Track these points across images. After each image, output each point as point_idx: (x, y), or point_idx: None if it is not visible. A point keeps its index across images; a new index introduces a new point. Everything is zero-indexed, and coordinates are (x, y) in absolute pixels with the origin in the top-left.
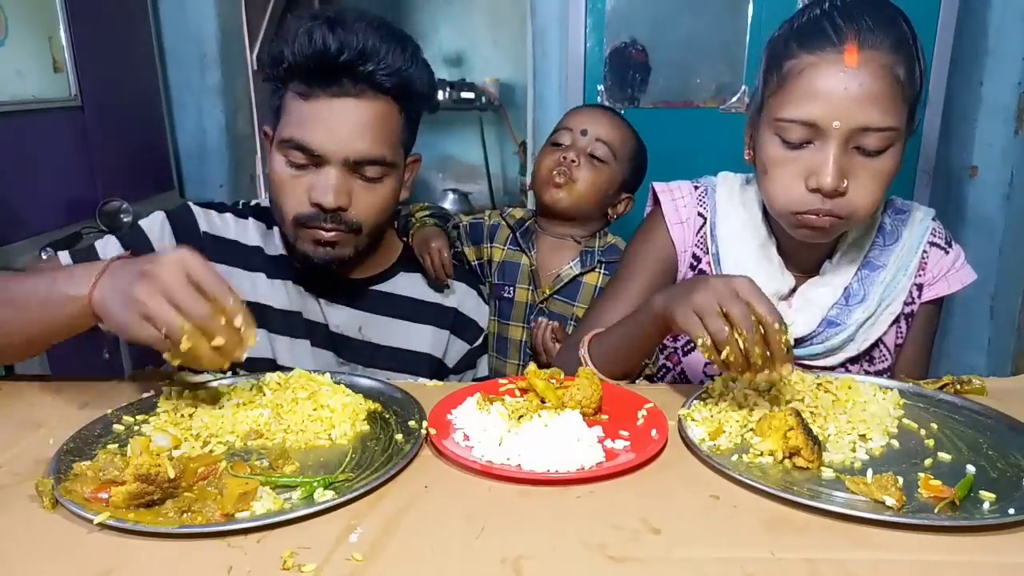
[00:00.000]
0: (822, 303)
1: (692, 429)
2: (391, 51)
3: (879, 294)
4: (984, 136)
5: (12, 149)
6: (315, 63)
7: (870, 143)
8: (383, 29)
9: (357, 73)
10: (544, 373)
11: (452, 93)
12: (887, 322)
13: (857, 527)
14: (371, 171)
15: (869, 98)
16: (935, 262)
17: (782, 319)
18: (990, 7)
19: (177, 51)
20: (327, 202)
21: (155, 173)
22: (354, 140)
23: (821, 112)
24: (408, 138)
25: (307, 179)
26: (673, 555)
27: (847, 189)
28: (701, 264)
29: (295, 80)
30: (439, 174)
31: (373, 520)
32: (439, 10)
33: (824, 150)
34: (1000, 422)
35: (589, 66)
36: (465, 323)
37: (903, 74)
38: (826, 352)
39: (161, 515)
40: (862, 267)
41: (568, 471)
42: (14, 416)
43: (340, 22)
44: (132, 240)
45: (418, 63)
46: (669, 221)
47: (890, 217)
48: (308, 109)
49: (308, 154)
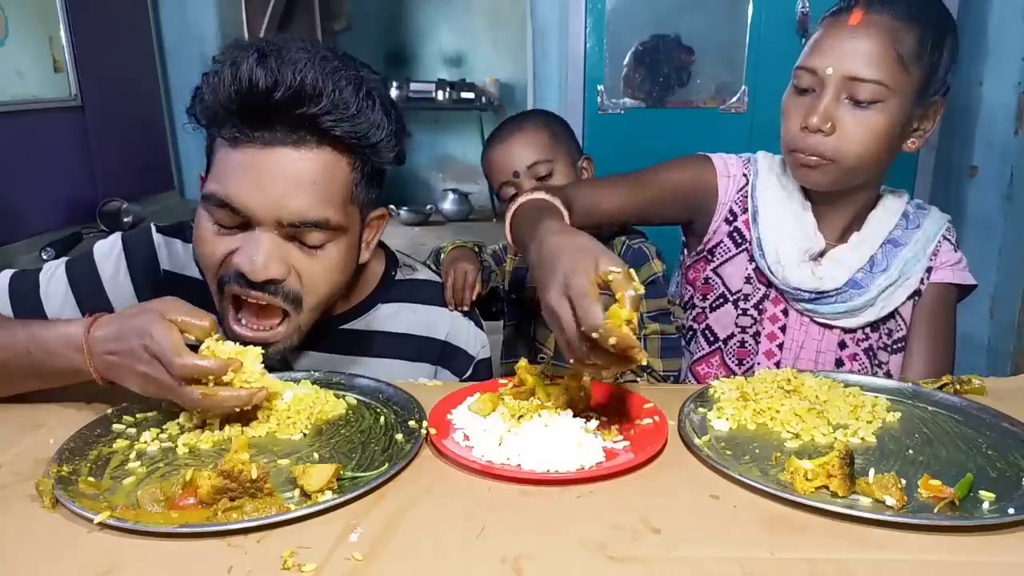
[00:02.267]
0: (849, 264)
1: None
2: (338, 89)
3: (900, 267)
4: (984, 136)
5: (12, 149)
6: (240, 104)
7: (859, 94)
8: (329, 62)
9: (294, 117)
10: (535, 368)
11: (452, 93)
12: (904, 295)
13: (857, 527)
14: (312, 237)
15: (862, 52)
16: (945, 252)
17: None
18: (990, 7)
19: (177, 51)
20: (253, 272)
21: (155, 173)
22: (289, 199)
23: (819, 60)
24: (365, 195)
25: (233, 241)
26: (673, 555)
27: (832, 131)
28: (737, 222)
29: (221, 127)
30: (439, 174)
31: (373, 520)
32: (439, 10)
33: (821, 96)
34: (1000, 422)
35: (589, 66)
36: (453, 353)
37: (907, 41)
38: (848, 312)
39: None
40: (887, 242)
41: (568, 471)
42: (14, 416)
43: (275, 53)
44: (81, 273)
45: (376, 104)
46: (719, 172)
47: (913, 209)
48: (235, 159)
49: (234, 213)
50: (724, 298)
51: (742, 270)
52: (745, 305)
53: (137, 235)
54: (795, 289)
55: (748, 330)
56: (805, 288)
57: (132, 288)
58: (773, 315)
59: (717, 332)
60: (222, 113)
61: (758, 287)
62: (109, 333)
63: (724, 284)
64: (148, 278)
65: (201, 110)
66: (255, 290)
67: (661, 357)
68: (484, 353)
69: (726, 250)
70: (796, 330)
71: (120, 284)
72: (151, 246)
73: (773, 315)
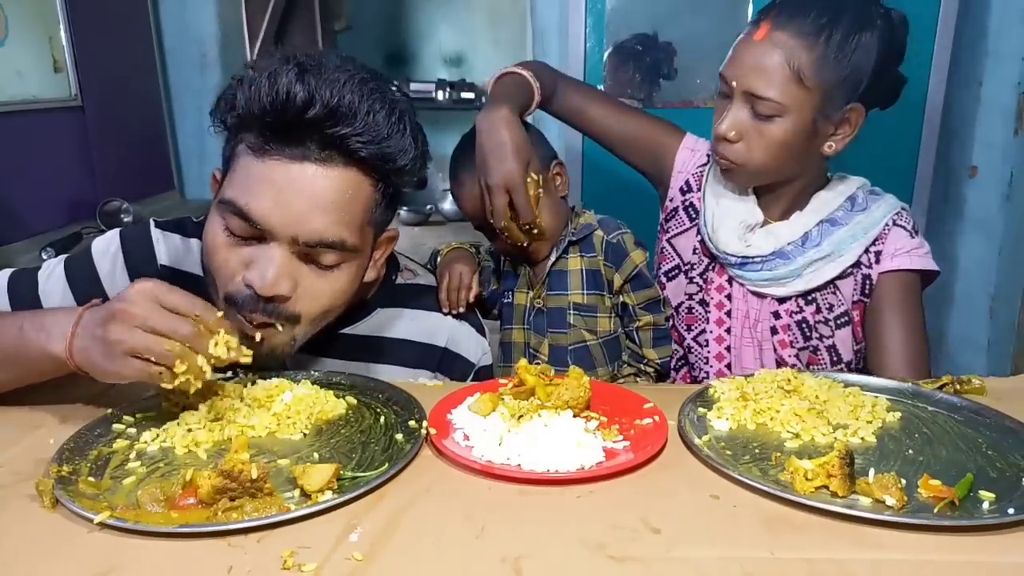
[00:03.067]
0: (780, 237)
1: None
2: (372, 112)
3: (832, 243)
4: (984, 136)
5: (12, 149)
6: (274, 116)
7: (759, 108)
8: (367, 84)
9: (326, 135)
10: (534, 368)
11: (452, 93)
12: (834, 271)
13: (857, 527)
14: (327, 257)
15: (759, 69)
16: (897, 238)
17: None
18: (990, 8)
19: (177, 51)
20: (263, 287)
21: (155, 173)
22: (309, 217)
23: (729, 71)
24: (383, 218)
25: (246, 252)
26: (673, 555)
27: (737, 138)
28: (692, 196)
29: (250, 132)
30: (439, 174)
31: (373, 520)
32: (439, 10)
33: (731, 105)
34: (1000, 422)
35: (589, 66)
36: (453, 360)
37: (805, 58)
38: (772, 279)
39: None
40: (825, 221)
41: (568, 471)
42: (14, 416)
43: (314, 68)
44: (79, 270)
45: (406, 131)
46: (684, 144)
47: (863, 193)
48: (258, 170)
49: (249, 224)
50: (677, 268)
51: (692, 242)
52: (692, 274)
53: (135, 231)
54: (723, 253)
55: (695, 297)
56: (731, 252)
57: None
58: (719, 285)
59: (671, 300)
60: (253, 122)
61: (702, 258)
62: (106, 304)
63: (678, 255)
64: (145, 273)
65: (230, 115)
66: (257, 312)
67: (653, 347)
68: (485, 360)
69: (680, 223)
70: (739, 300)
71: (117, 280)
72: (148, 241)
73: (719, 285)
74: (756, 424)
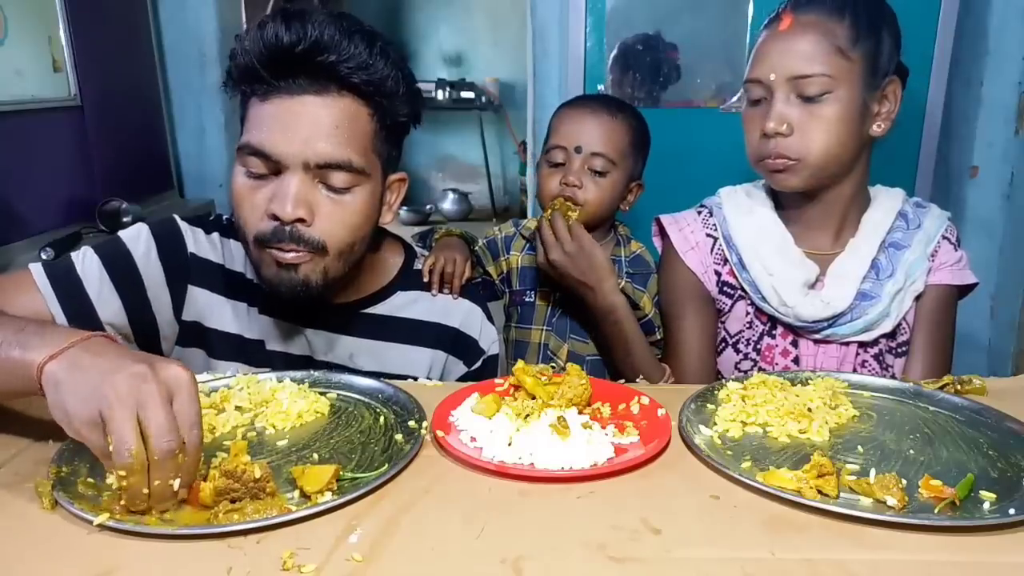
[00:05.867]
0: (853, 275)
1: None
2: (354, 43)
3: (905, 271)
4: (984, 136)
5: (12, 149)
6: (268, 59)
7: (807, 89)
8: (346, 20)
9: (316, 66)
10: (532, 369)
11: (452, 93)
12: (911, 300)
13: (857, 527)
14: (337, 179)
15: (799, 51)
16: (944, 252)
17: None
18: (990, 7)
19: (177, 51)
20: (284, 212)
21: (155, 173)
22: (315, 141)
23: (762, 69)
24: (384, 148)
25: (266, 190)
26: (673, 555)
27: (790, 131)
28: (723, 275)
29: (253, 82)
30: (439, 174)
31: (373, 520)
32: (439, 10)
33: (772, 102)
34: (1000, 422)
35: (589, 66)
36: (465, 344)
37: (839, 32)
38: (865, 327)
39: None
40: (888, 245)
41: (582, 467)
42: (14, 417)
43: (297, 15)
44: (112, 255)
45: (389, 59)
46: (681, 251)
47: (912, 208)
48: (265, 110)
49: (265, 159)
50: (724, 342)
51: (741, 315)
52: (742, 347)
53: (162, 222)
54: (811, 323)
55: (745, 367)
56: (820, 318)
57: (162, 269)
58: (784, 349)
59: (722, 375)
60: (253, 69)
61: (757, 324)
62: (135, 353)
63: (725, 329)
64: (176, 259)
65: (235, 69)
66: (287, 240)
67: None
68: (494, 349)
69: (722, 304)
70: (810, 357)
71: (151, 263)
72: (177, 230)
73: (784, 349)
74: (756, 424)
